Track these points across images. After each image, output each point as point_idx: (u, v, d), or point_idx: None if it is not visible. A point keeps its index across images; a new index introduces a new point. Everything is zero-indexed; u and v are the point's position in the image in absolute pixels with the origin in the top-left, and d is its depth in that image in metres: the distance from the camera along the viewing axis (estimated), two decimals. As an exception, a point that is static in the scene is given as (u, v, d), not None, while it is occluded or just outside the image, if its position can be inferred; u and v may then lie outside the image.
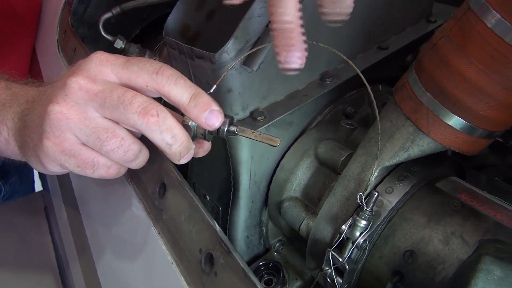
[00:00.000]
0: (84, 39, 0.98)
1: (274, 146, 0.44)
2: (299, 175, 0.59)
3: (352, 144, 0.59)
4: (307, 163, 0.59)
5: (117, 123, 0.43)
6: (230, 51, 0.47)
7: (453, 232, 0.45)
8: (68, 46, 0.84)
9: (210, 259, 0.39)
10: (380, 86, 0.69)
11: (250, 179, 0.59)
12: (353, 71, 0.61)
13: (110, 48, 0.94)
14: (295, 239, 0.68)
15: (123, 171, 0.46)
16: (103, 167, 0.44)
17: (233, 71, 0.48)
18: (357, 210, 0.47)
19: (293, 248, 0.69)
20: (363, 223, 0.46)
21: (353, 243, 0.47)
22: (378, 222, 0.47)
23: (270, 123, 0.53)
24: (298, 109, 0.56)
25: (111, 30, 0.92)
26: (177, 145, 0.43)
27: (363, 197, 0.46)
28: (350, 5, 0.36)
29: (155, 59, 0.90)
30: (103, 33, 0.86)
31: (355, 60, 0.63)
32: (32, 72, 1.10)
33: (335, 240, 0.50)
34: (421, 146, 0.46)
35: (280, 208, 0.60)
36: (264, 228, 0.68)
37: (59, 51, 0.87)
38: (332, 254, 0.48)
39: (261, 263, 0.66)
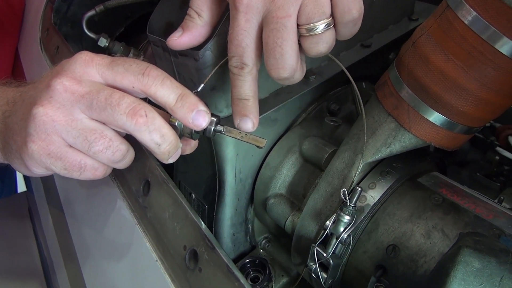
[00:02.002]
0: (67, 37, 0.96)
1: (260, 147, 0.44)
2: (284, 172, 0.60)
3: (336, 140, 0.60)
4: (292, 160, 0.60)
5: (104, 124, 0.43)
6: (213, 48, 0.47)
7: (434, 226, 0.46)
8: (50, 44, 0.83)
9: (194, 255, 0.39)
10: (363, 83, 0.69)
11: (235, 176, 0.59)
12: (337, 68, 0.61)
13: (93, 46, 0.93)
14: (281, 236, 0.68)
15: (109, 171, 0.46)
16: (90, 169, 0.44)
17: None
18: (341, 205, 0.47)
19: (279, 245, 0.70)
20: (346, 218, 0.46)
21: (337, 239, 0.47)
22: (362, 217, 0.48)
23: (254, 121, 0.53)
24: (283, 106, 0.57)
25: (95, 28, 0.91)
26: (166, 144, 0.43)
27: (346, 193, 0.47)
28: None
29: (140, 59, 0.90)
30: (86, 31, 0.85)
31: (339, 58, 0.63)
32: (15, 72, 1.09)
33: (320, 235, 0.50)
34: (402, 142, 0.47)
35: (266, 205, 0.60)
36: (250, 226, 0.68)
37: (41, 50, 0.86)
38: (316, 250, 0.48)
39: (247, 260, 0.66)
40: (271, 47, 0.39)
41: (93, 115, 0.42)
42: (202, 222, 0.41)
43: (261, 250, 0.70)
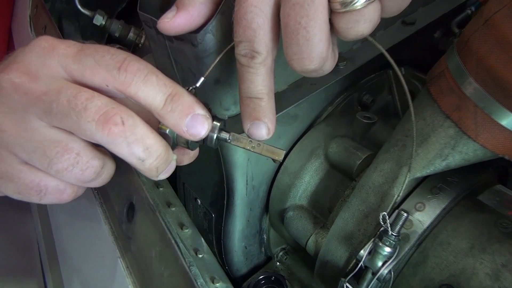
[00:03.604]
0: (62, 14, 0.87)
1: (277, 161, 0.34)
2: (306, 180, 0.50)
3: (370, 142, 0.49)
4: (315, 166, 0.50)
5: (71, 132, 0.33)
6: (215, 31, 0.36)
7: (504, 264, 0.35)
8: (39, 23, 0.73)
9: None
10: (402, 68, 0.58)
11: (247, 184, 0.49)
12: (372, 52, 0.50)
13: (92, 25, 0.83)
14: (301, 249, 0.59)
15: (81, 191, 0.36)
16: (54, 192, 0.34)
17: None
18: (379, 233, 0.37)
19: (298, 258, 0.61)
20: (387, 250, 0.36)
21: (373, 274, 0.37)
22: (407, 249, 0.38)
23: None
24: (305, 100, 0.46)
25: (93, 3, 0.81)
26: (152, 159, 0.33)
27: (387, 217, 0.36)
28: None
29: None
30: (79, 7, 0.75)
31: (375, 39, 0.51)
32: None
33: (351, 266, 0.40)
34: (464, 153, 0.36)
35: (283, 218, 0.51)
36: (264, 236, 0.59)
37: (31, 30, 0.76)
38: (346, 286, 0.38)
39: (262, 276, 0.57)
40: (293, 30, 0.29)
41: (53, 122, 0.31)
42: (195, 269, 0.30)
43: (278, 263, 0.61)
